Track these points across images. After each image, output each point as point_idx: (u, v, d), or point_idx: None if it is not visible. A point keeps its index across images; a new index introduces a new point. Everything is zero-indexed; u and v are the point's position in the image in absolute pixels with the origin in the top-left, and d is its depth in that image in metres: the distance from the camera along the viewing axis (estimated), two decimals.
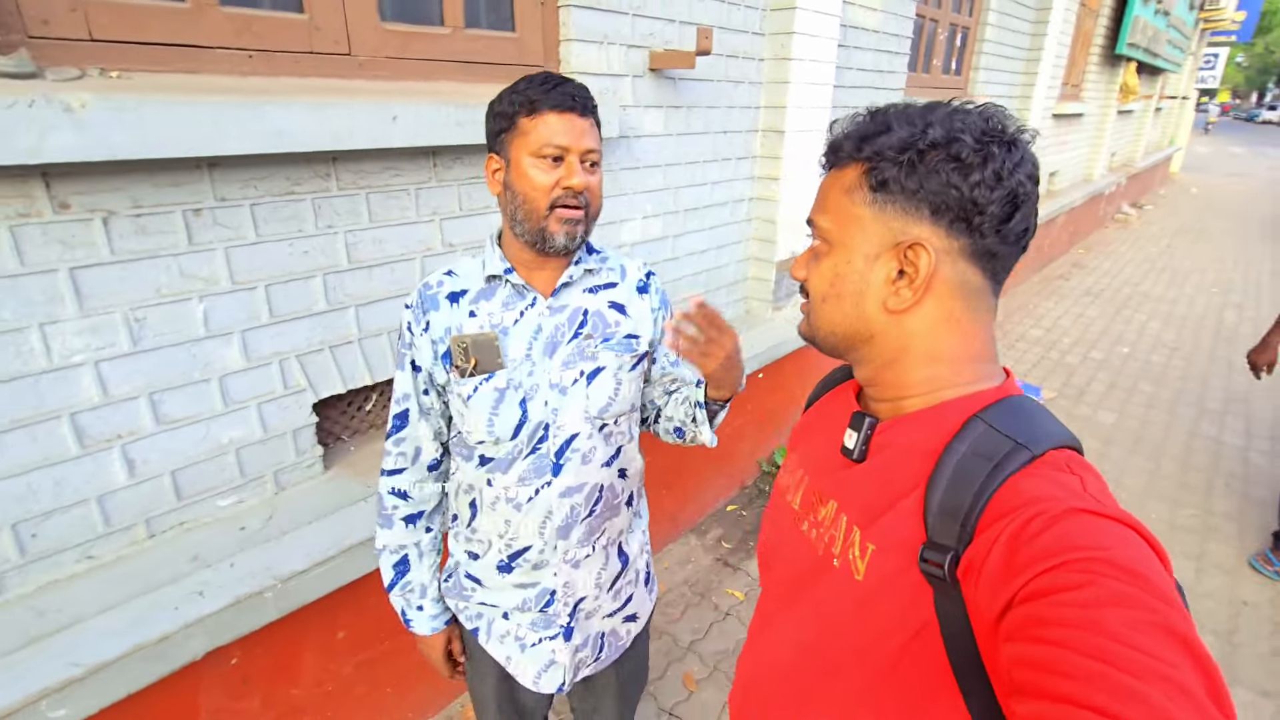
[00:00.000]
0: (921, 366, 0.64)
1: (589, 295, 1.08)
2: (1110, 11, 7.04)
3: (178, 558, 1.35)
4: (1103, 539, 0.45)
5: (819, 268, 0.66)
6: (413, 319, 1.03)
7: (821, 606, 0.65)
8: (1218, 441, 3.63)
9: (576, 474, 1.07)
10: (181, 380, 1.34)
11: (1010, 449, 0.54)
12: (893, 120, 0.61)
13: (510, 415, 1.02)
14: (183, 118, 1.14)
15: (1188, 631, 0.41)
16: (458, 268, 1.06)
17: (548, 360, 1.03)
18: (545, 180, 0.94)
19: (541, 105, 0.93)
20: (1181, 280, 6.90)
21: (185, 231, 1.27)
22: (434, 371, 1.03)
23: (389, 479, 1.10)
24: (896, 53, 3.34)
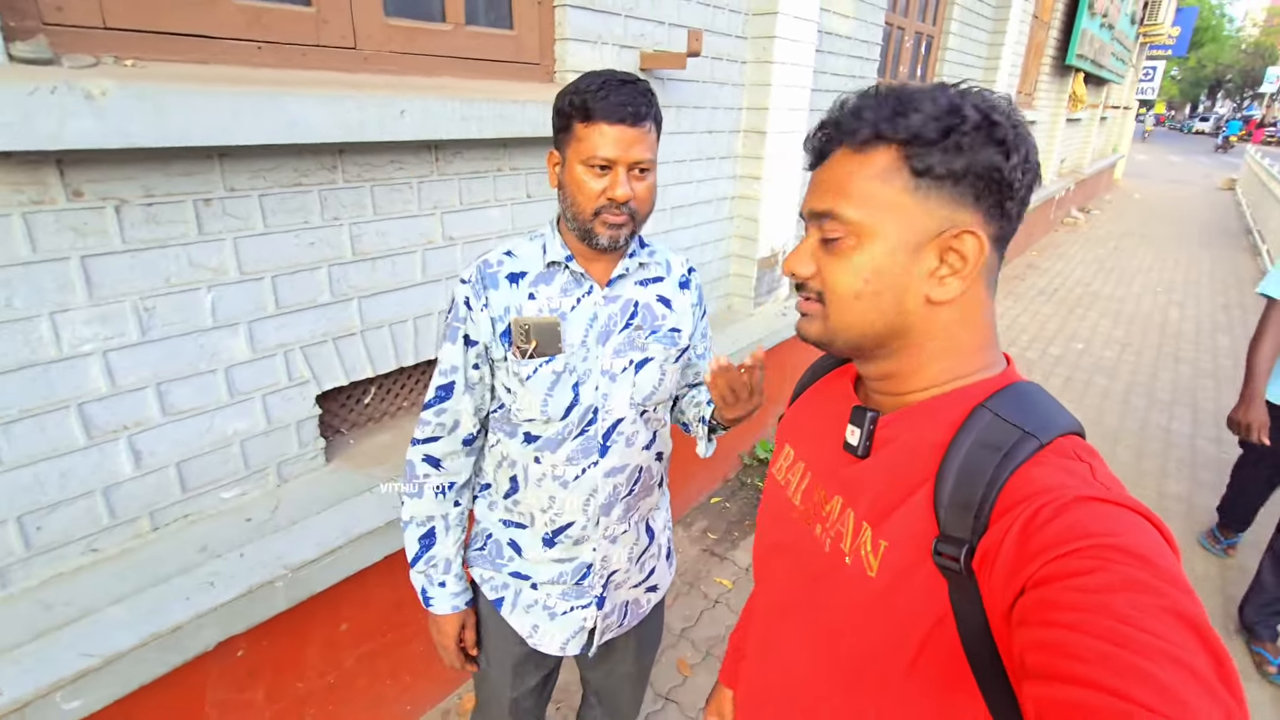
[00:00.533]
0: (945, 358, 0.62)
1: (640, 288, 1.12)
2: (1060, 23, 7.38)
3: (185, 549, 1.34)
4: (1113, 525, 0.46)
5: (845, 263, 0.60)
6: (471, 294, 1.04)
7: (835, 606, 0.64)
8: (1167, 430, 3.85)
9: (621, 455, 1.12)
10: (188, 371, 1.33)
11: (1019, 438, 0.54)
12: (918, 99, 0.57)
13: (563, 397, 1.06)
14: (201, 107, 1.14)
15: (1197, 615, 0.41)
16: (518, 249, 1.08)
17: (600, 347, 1.06)
18: (592, 188, 0.96)
19: (595, 114, 0.94)
20: (1129, 280, 7.25)
21: (195, 221, 1.27)
22: (490, 347, 1.05)
23: (423, 446, 1.11)
24: (867, 59, 3.47)
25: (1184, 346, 5.23)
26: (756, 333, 2.80)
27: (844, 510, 0.65)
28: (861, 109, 0.59)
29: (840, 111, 0.61)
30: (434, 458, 1.11)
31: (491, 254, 1.07)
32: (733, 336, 2.73)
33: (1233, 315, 6.08)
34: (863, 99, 0.60)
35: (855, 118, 0.59)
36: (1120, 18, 9.40)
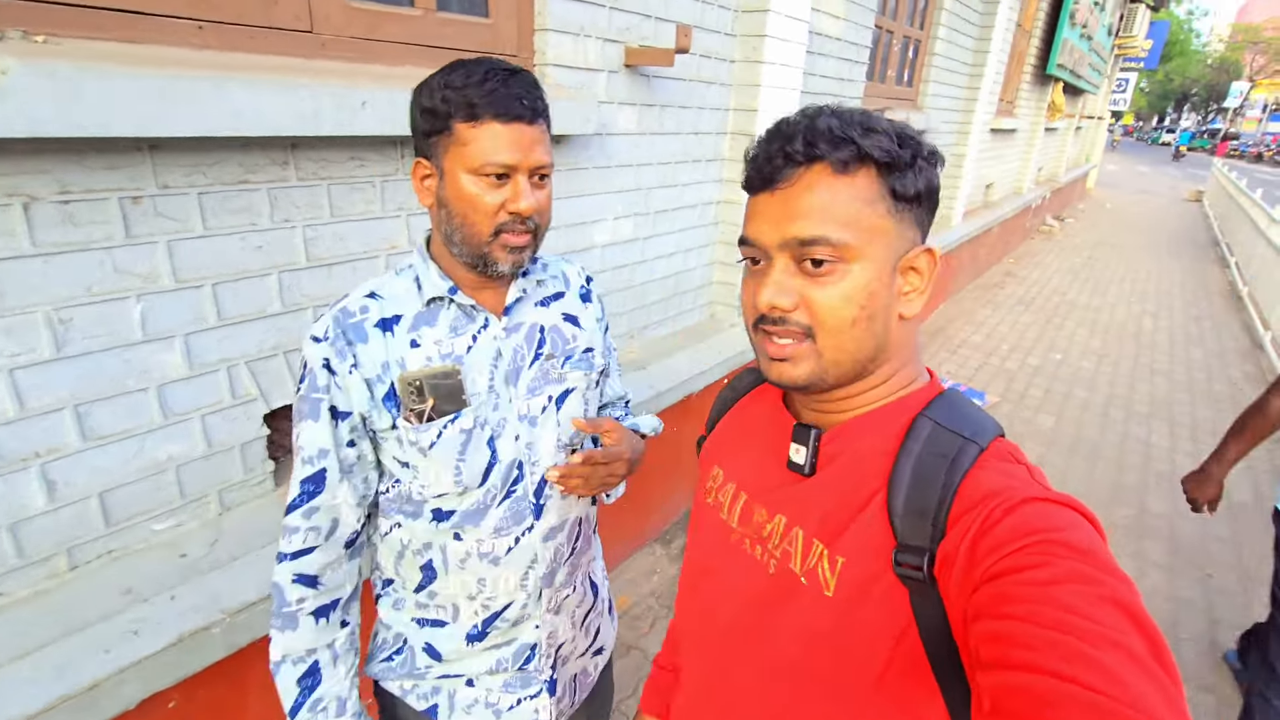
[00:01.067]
0: (899, 371, 0.64)
1: (542, 309, 0.96)
2: (1042, 32, 7.42)
3: (107, 591, 1.19)
4: (1056, 521, 0.49)
5: (837, 290, 0.57)
6: (332, 354, 0.83)
7: (790, 629, 0.62)
8: (1146, 444, 3.85)
9: (559, 511, 0.97)
10: (113, 390, 1.18)
11: (961, 444, 0.56)
12: (874, 120, 0.59)
13: (479, 458, 0.88)
14: (125, 92, 0.99)
15: (1132, 601, 0.44)
16: (382, 288, 0.88)
17: (512, 389, 0.91)
18: (488, 202, 0.80)
19: (484, 111, 0.77)
20: (1104, 290, 7.33)
21: (121, 221, 1.12)
22: (371, 416, 0.85)
23: (292, 564, 0.87)
24: (856, 61, 3.39)
25: (1159, 358, 5.27)
26: (741, 343, 2.70)
27: (789, 529, 0.64)
28: (834, 128, 0.57)
29: (810, 130, 0.58)
30: (308, 576, 0.88)
31: (350, 299, 0.86)
32: (716, 347, 2.63)
33: (1204, 328, 6.16)
34: (828, 119, 0.58)
35: (837, 137, 0.57)
36: (1099, 29, 9.51)
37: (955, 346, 5.24)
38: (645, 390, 2.20)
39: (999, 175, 7.46)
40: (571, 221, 2.03)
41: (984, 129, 5.79)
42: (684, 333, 2.72)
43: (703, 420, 0.94)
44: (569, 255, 2.05)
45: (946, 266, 5.81)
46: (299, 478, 0.86)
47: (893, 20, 3.89)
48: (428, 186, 0.84)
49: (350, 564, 0.93)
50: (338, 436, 0.85)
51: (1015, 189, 8.54)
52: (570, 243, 2.05)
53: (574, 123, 1.79)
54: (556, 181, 1.93)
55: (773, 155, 0.59)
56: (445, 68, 0.80)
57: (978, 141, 5.64)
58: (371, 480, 0.92)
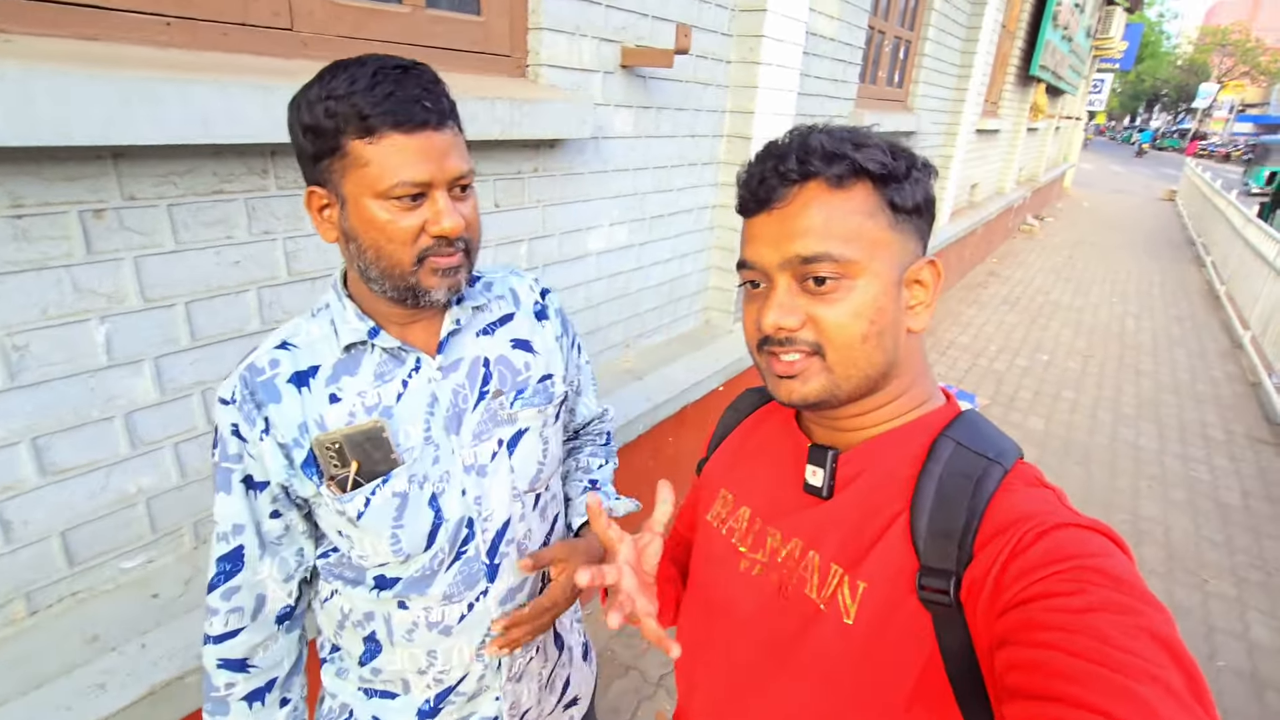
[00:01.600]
0: (913, 387, 0.63)
1: (485, 339, 0.84)
2: (1025, 34, 7.45)
3: (70, 639, 1.09)
4: (1090, 548, 0.48)
5: (845, 306, 0.56)
6: (240, 419, 0.72)
7: (809, 660, 0.59)
8: (1135, 446, 3.86)
9: (516, 570, 0.87)
10: (75, 420, 1.08)
11: (985, 466, 0.55)
12: (862, 135, 0.58)
13: (420, 522, 0.78)
14: (84, 95, 0.90)
15: (1170, 634, 0.42)
16: (295, 336, 0.76)
17: (454, 438, 0.79)
18: (404, 228, 0.67)
19: (380, 122, 0.64)
20: (1086, 290, 7.39)
21: (83, 237, 1.02)
22: (293, 485, 0.75)
23: (216, 649, 0.78)
24: (850, 62, 3.34)
25: (1143, 359, 5.31)
26: (738, 350, 2.63)
27: (805, 554, 0.62)
28: (826, 144, 0.57)
29: (803, 149, 0.57)
30: (235, 660, 0.79)
31: (258, 353, 0.75)
32: (713, 355, 2.56)
33: (1185, 328, 6.23)
34: (820, 136, 0.58)
35: (829, 153, 0.56)
36: (1079, 31, 9.60)
37: (944, 348, 5.24)
38: (642, 403, 2.13)
39: (983, 176, 7.49)
40: (567, 229, 1.95)
41: (971, 130, 5.80)
42: (679, 340, 2.65)
43: (700, 431, 0.88)
44: (562, 264, 1.97)
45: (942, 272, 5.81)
46: (215, 555, 0.77)
47: (884, 21, 3.85)
48: (328, 218, 0.71)
49: (288, 637, 0.84)
50: (255, 509, 0.76)
51: (998, 189, 8.59)
52: (565, 251, 1.97)
53: (569, 126, 1.71)
54: (551, 188, 1.84)
55: (766, 175, 0.58)
56: (321, 73, 0.67)
57: (965, 142, 5.64)
58: (308, 552, 0.82)
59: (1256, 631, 2.48)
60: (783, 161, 0.57)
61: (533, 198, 1.79)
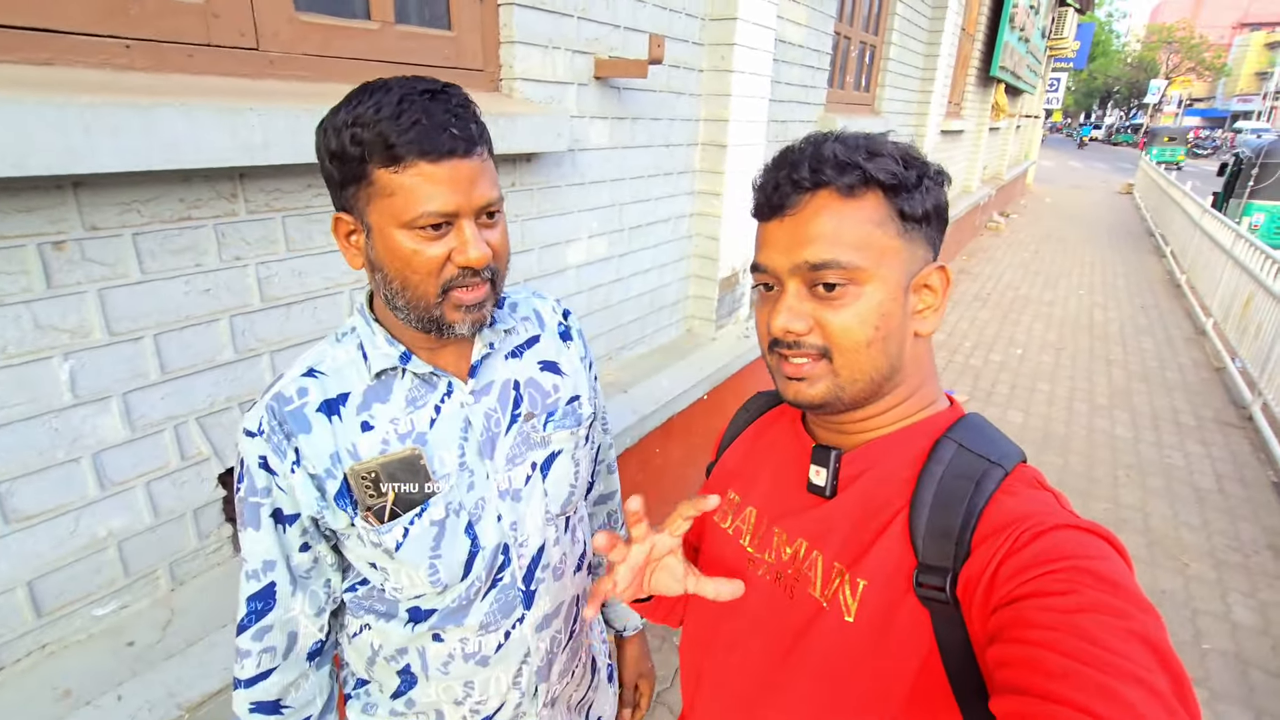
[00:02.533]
0: (919, 390, 0.64)
1: (514, 361, 0.83)
2: (984, 36, 7.63)
3: (39, 696, 1.03)
4: (1086, 550, 0.48)
5: (852, 312, 0.58)
6: (269, 451, 0.70)
7: (815, 661, 0.60)
8: (1111, 435, 3.93)
9: (554, 595, 0.85)
10: (39, 463, 1.02)
11: (986, 468, 0.56)
12: (878, 143, 0.59)
13: (457, 550, 0.76)
14: (37, 123, 0.85)
15: (1159, 639, 0.43)
16: (322, 363, 0.74)
17: (488, 463, 0.78)
18: (429, 257, 0.66)
19: (406, 152, 0.62)
20: (1054, 283, 7.55)
21: (42, 271, 0.97)
22: (324, 517, 0.73)
23: (248, 692, 0.76)
24: (818, 68, 3.37)
25: (1113, 349, 5.43)
26: (721, 357, 2.63)
27: (809, 554, 0.63)
28: (839, 153, 0.58)
29: (816, 157, 0.58)
30: (268, 703, 0.77)
31: (285, 381, 0.73)
32: (697, 364, 2.55)
33: (1152, 317, 6.39)
34: (833, 145, 0.59)
35: (842, 162, 0.57)
36: (1034, 32, 9.86)
37: None
38: (628, 415, 2.10)
39: (950, 175, 7.63)
40: (545, 242, 1.93)
41: (936, 131, 5.90)
42: (662, 350, 2.63)
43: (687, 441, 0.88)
44: (542, 279, 1.94)
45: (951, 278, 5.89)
46: (245, 594, 0.74)
47: (849, 26, 3.90)
48: (355, 244, 0.70)
49: (319, 674, 0.81)
50: (285, 544, 0.73)
51: (964, 188, 8.76)
52: (544, 265, 1.95)
53: (546, 139, 1.69)
54: (529, 202, 1.82)
55: (780, 183, 0.60)
56: (349, 97, 0.65)
57: (931, 143, 5.73)
58: (335, 584, 0.80)
59: (1238, 612, 2.53)
60: (796, 170, 0.58)
61: (510, 213, 1.77)
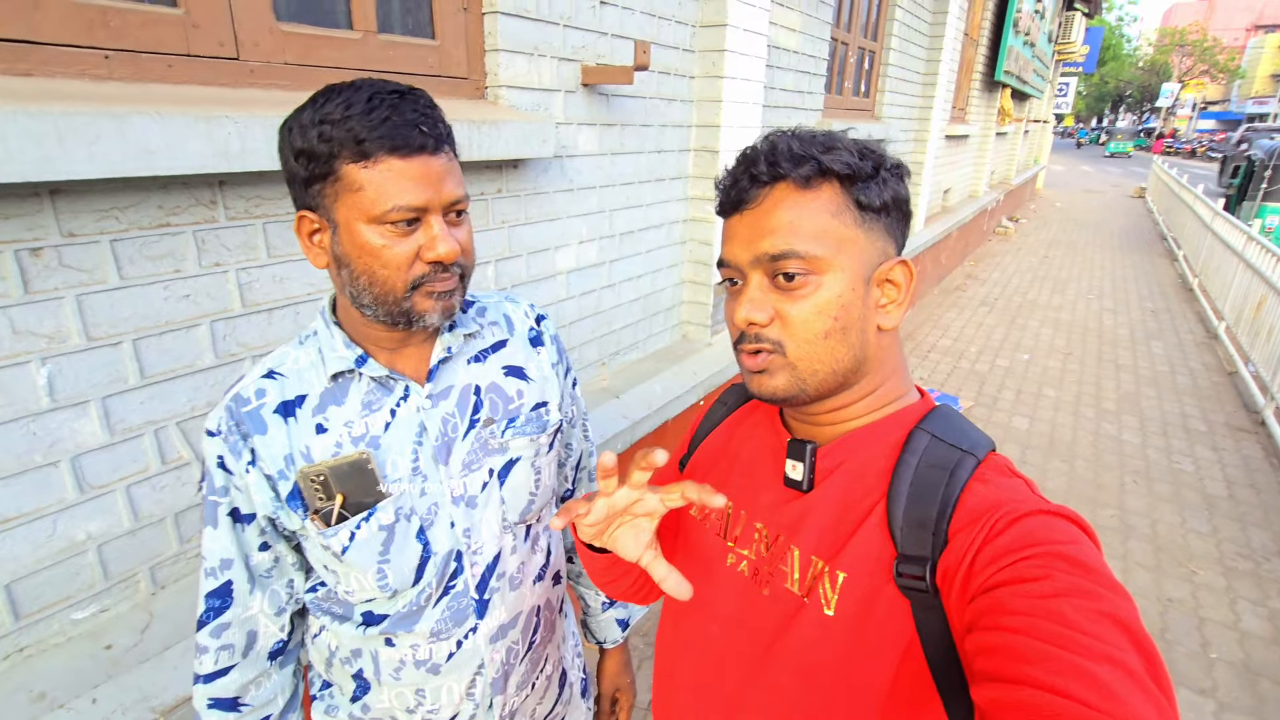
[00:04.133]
0: (886, 383, 0.64)
1: (476, 366, 0.83)
2: (988, 40, 7.61)
3: (16, 699, 1.04)
4: (1059, 536, 0.49)
5: (809, 303, 0.59)
6: (225, 451, 0.71)
7: (795, 657, 0.60)
8: (1119, 440, 3.87)
9: (510, 605, 0.85)
10: (16, 467, 1.04)
11: (959, 457, 0.57)
12: (834, 138, 0.60)
13: (407, 556, 0.76)
14: (12, 131, 0.87)
15: (1130, 618, 0.44)
16: (282, 365, 0.75)
17: (443, 468, 0.78)
18: (398, 253, 0.67)
19: (376, 147, 0.64)
20: (1062, 288, 7.48)
21: (19, 277, 0.99)
22: (279, 517, 0.74)
23: (206, 688, 0.77)
24: (815, 74, 3.38)
25: (1121, 353, 5.36)
26: (718, 362, 2.62)
27: (786, 548, 0.63)
28: (795, 147, 0.59)
29: (772, 152, 0.60)
30: (226, 699, 0.77)
31: (244, 383, 0.74)
32: (692, 369, 2.54)
33: (1162, 321, 6.31)
34: (789, 140, 0.60)
35: (796, 155, 0.59)
36: (1040, 36, 9.83)
37: (925, 352, 5.27)
38: (620, 421, 2.10)
39: (955, 181, 7.60)
40: (535, 248, 1.94)
41: (940, 136, 5.88)
42: (656, 356, 2.63)
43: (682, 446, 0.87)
44: (531, 284, 1.95)
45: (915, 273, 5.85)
46: (203, 591, 0.75)
47: (847, 32, 3.91)
48: (319, 243, 0.70)
49: (281, 673, 0.81)
50: (244, 542, 0.74)
51: (971, 193, 8.71)
52: (534, 271, 1.95)
53: (531, 145, 1.70)
54: (516, 208, 1.83)
55: (739, 179, 0.62)
56: (314, 97, 0.66)
57: (935, 148, 5.71)
58: (297, 584, 0.80)
59: (1247, 621, 2.47)
60: (754, 165, 0.60)
61: (497, 219, 1.78)
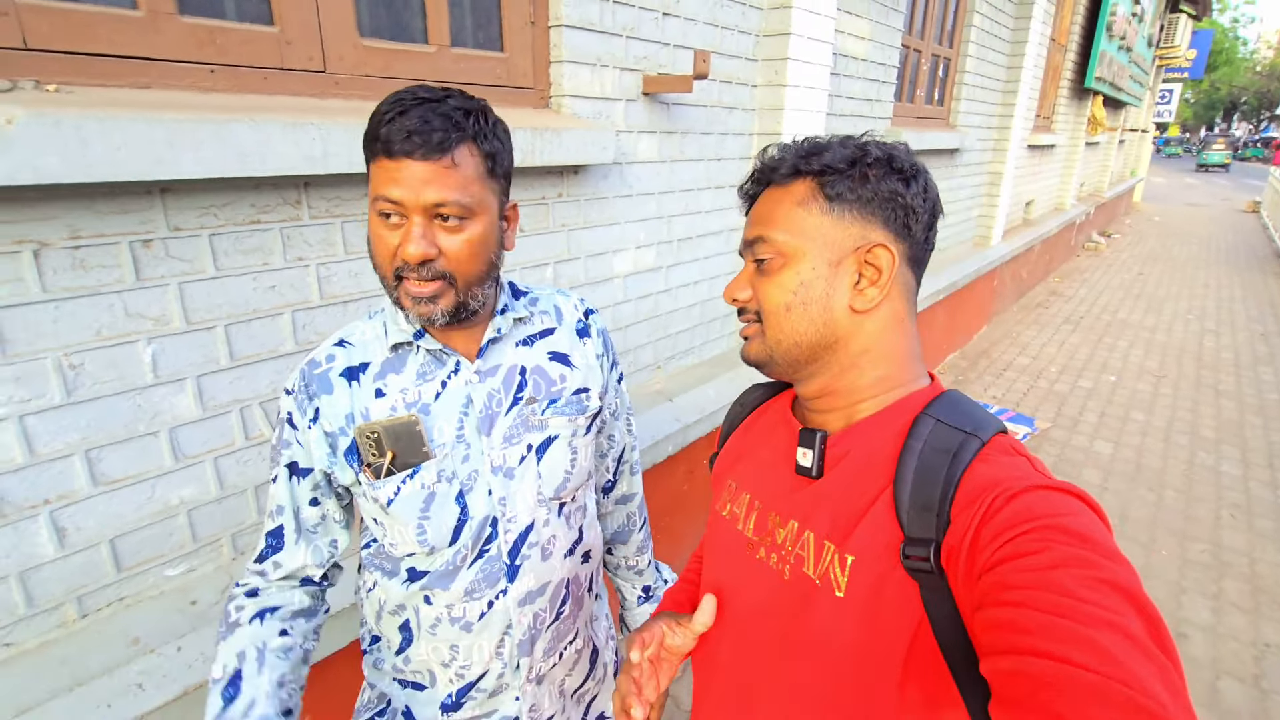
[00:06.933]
0: (877, 367, 0.67)
1: (524, 349, 0.89)
2: (1077, 46, 7.25)
3: (115, 641, 1.16)
4: (1056, 508, 0.50)
5: (774, 281, 0.66)
6: (294, 407, 0.80)
7: (811, 639, 0.62)
8: (1216, 471, 3.58)
9: (538, 573, 0.89)
10: (124, 434, 1.17)
11: (963, 439, 0.58)
12: (827, 142, 0.67)
13: (446, 516, 0.82)
14: (131, 136, 0.99)
15: (1131, 584, 0.45)
16: (352, 335, 0.84)
17: (485, 439, 0.84)
18: (384, 242, 0.73)
19: (378, 147, 0.71)
20: (1158, 307, 6.99)
21: (132, 265, 1.12)
22: (334, 472, 0.82)
23: (237, 590, 0.86)
24: (884, 82, 3.33)
25: (1224, 378, 4.95)
26: None
27: (801, 533, 0.65)
28: (783, 154, 0.68)
29: (761, 166, 0.70)
30: (251, 589, 0.86)
31: (319, 349, 0.84)
32: (747, 377, 2.54)
33: (1274, 345, 5.79)
34: (784, 148, 0.69)
35: (778, 160, 0.68)
36: (1138, 40, 9.27)
37: (1000, 370, 5.03)
38: (672, 424, 2.13)
39: (1039, 192, 7.25)
40: (593, 252, 2.00)
41: (1021, 145, 5.64)
42: (711, 362, 2.64)
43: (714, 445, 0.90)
44: (589, 286, 2.01)
45: (987, 288, 5.63)
46: (264, 530, 0.85)
47: (920, 40, 3.83)
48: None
49: (303, 590, 0.89)
50: (296, 495, 0.83)
51: (1057, 205, 8.28)
52: (591, 273, 2.02)
53: (591, 152, 1.76)
54: (576, 212, 1.90)
55: (745, 190, 0.73)
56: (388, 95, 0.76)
57: (1015, 158, 5.48)
58: (341, 542, 0.88)
59: None
60: (756, 172, 0.71)
61: (557, 222, 1.85)
